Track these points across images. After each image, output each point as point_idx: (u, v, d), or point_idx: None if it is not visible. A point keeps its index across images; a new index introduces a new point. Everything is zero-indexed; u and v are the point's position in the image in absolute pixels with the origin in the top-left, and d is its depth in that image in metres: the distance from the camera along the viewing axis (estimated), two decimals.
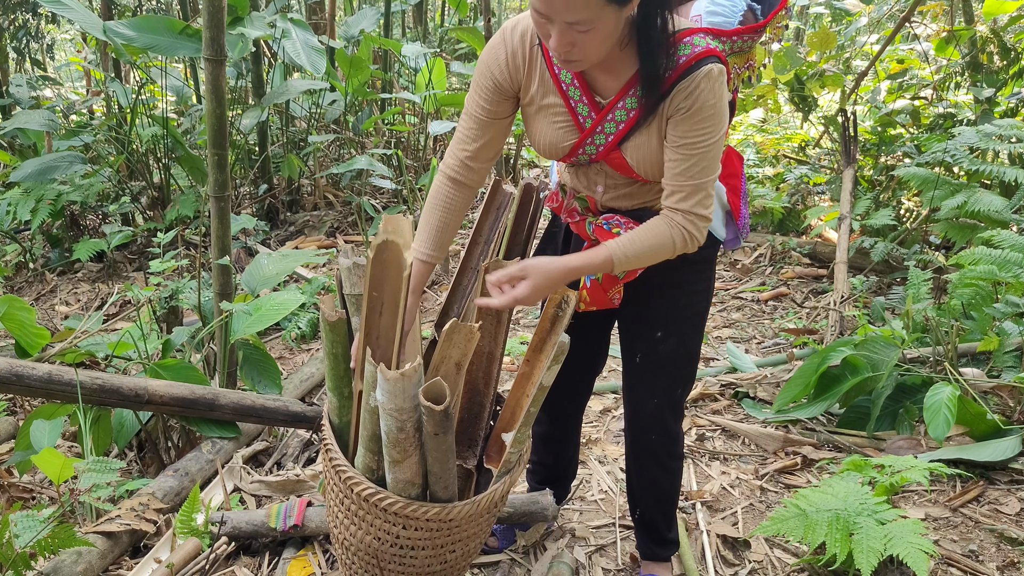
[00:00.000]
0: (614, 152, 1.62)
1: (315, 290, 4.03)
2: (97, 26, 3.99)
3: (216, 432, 2.62)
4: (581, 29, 1.39)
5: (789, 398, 2.95)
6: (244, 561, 2.17)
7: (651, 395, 1.88)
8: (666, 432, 1.93)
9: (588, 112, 1.60)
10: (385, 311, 1.72)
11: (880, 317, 3.57)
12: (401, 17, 8.46)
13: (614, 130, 1.59)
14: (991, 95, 4.41)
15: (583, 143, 1.63)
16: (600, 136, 1.61)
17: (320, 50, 4.52)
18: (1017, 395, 2.75)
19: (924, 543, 1.88)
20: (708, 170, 1.55)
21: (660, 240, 1.58)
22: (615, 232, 1.67)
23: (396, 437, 1.55)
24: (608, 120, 1.59)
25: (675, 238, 1.58)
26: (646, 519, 2.06)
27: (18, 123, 4.60)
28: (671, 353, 1.82)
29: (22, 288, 4.80)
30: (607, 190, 1.73)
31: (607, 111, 1.58)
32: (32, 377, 2.30)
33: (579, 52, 1.45)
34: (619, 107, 1.57)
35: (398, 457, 1.59)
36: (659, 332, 1.81)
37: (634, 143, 1.59)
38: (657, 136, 1.57)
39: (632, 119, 1.57)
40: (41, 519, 1.89)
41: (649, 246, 1.59)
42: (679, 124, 1.52)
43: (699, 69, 1.48)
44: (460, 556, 1.80)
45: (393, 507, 1.62)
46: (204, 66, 2.61)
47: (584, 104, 1.59)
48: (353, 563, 1.77)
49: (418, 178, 5.50)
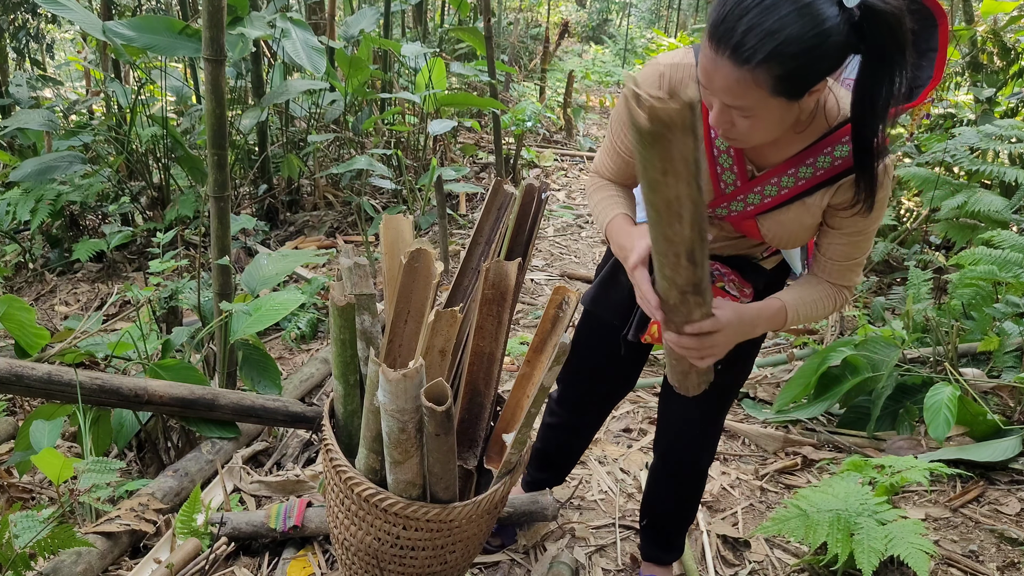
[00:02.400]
0: (748, 220, 1.52)
1: (315, 290, 4.02)
2: (96, 26, 3.99)
3: (216, 432, 2.62)
4: (742, 114, 1.27)
5: (789, 398, 2.95)
6: (244, 561, 2.17)
7: (691, 425, 1.85)
8: (699, 461, 1.92)
9: (734, 181, 1.48)
10: (411, 319, 1.73)
11: (880, 317, 3.57)
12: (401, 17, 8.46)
13: (757, 202, 1.47)
14: (991, 95, 4.41)
15: (719, 204, 1.51)
16: (738, 204, 1.49)
17: (320, 50, 4.51)
18: (1017, 395, 2.75)
19: (924, 543, 1.88)
20: (866, 249, 1.50)
21: (827, 308, 1.53)
22: (718, 286, 1.57)
23: (398, 438, 1.55)
24: (755, 191, 1.46)
25: (838, 307, 1.55)
26: (655, 528, 2.06)
27: (18, 123, 4.60)
28: (725, 385, 1.74)
29: (22, 288, 4.79)
30: (716, 240, 1.62)
31: (757, 183, 1.45)
32: (32, 377, 2.30)
33: (738, 132, 1.31)
34: (772, 182, 1.44)
35: (399, 458, 1.59)
36: (719, 364, 1.68)
37: (777, 218, 1.48)
38: (807, 219, 1.46)
39: (783, 196, 1.45)
40: (41, 519, 1.89)
41: (817, 312, 1.53)
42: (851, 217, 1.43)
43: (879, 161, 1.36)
44: (460, 557, 1.80)
45: (393, 508, 1.62)
46: (204, 66, 2.61)
47: (732, 173, 1.47)
48: (353, 563, 1.78)
49: (418, 178, 5.50)
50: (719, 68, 1.21)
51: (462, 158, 6.69)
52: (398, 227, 1.86)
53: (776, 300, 1.50)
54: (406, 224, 1.86)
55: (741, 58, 1.17)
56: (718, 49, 1.19)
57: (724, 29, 1.17)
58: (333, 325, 1.69)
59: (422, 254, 1.71)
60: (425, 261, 1.71)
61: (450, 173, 4.64)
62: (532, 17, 12.86)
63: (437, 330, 1.62)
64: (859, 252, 1.49)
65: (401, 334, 1.74)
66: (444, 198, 4.45)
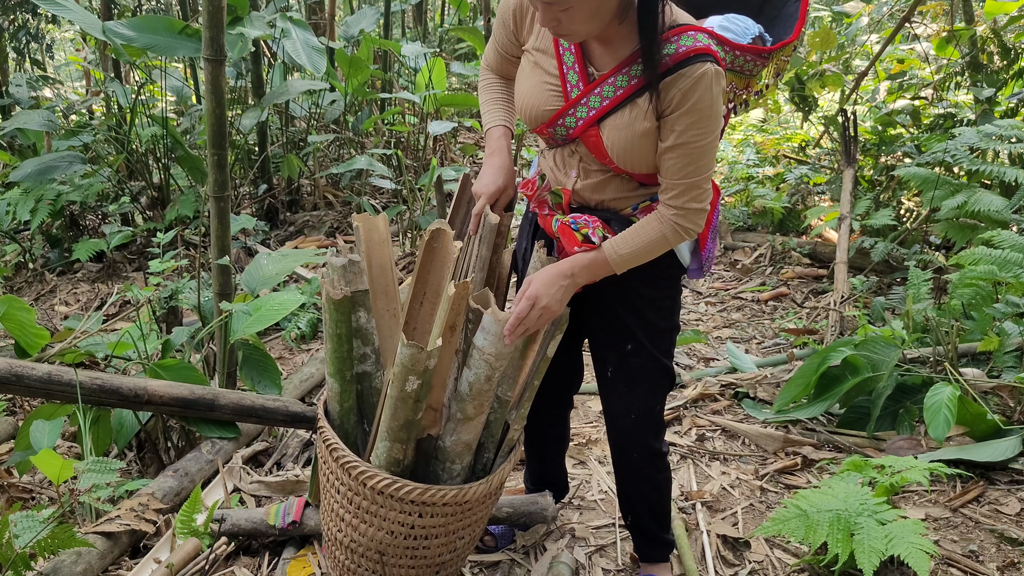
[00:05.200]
0: (592, 129, 1.61)
1: (315, 290, 4.02)
2: (96, 26, 3.99)
3: (216, 432, 2.62)
4: (560, 8, 1.42)
5: (789, 398, 2.95)
6: (244, 561, 2.17)
7: (628, 411, 1.87)
8: (648, 449, 1.92)
9: (577, 81, 1.60)
10: (426, 301, 1.74)
11: (880, 317, 3.57)
12: (401, 17, 8.46)
13: (598, 105, 1.58)
14: (991, 95, 4.41)
15: (565, 112, 1.62)
16: (583, 109, 1.60)
17: (320, 50, 4.52)
18: (1017, 395, 2.75)
19: (925, 543, 1.88)
20: (703, 168, 1.57)
21: (651, 236, 1.62)
22: (582, 233, 1.66)
23: (481, 388, 1.56)
24: (595, 93, 1.58)
25: (667, 233, 1.61)
26: (639, 525, 2.06)
27: (18, 123, 4.60)
28: (643, 366, 1.82)
29: (22, 288, 4.79)
30: (580, 176, 1.72)
31: (596, 84, 1.58)
32: (32, 377, 2.30)
33: (565, 28, 1.47)
34: (609, 82, 1.57)
35: (472, 412, 1.60)
36: (629, 345, 1.80)
37: (614, 123, 1.58)
38: (639, 123, 1.56)
39: (619, 97, 1.56)
40: (41, 519, 1.89)
41: (642, 242, 1.62)
42: (675, 123, 1.52)
43: (695, 65, 1.47)
44: (467, 543, 1.81)
45: (411, 495, 1.62)
46: (204, 66, 2.61)
47: (575, 72, 1.60)
48: (360, 565, 1.76)
49: (418, 178, 5.50)
50: None
51: (462, 158, 6.69)
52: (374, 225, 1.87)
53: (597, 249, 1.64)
54: (382, 221, 1.86)
55: None
56: None
57: None
58: (328, 320, 1.68)
59: (441, 234, 1.71)
60: (444, 241, 1.71)
61: (450, 173, 4.64)
62: None
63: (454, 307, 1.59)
64: (691, 168, 1.56)
65: (416, 316, 1.75)
66: (444, 198, 4.45)
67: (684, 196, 1.58)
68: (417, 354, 1.49)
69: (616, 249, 1.63)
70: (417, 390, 1.55)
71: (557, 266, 1.65)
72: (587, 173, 1.71)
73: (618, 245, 1.63)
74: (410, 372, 1.52)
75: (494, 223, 1.70)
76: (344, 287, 1.71)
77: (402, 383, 1.55)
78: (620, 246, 1.63)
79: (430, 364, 1.53)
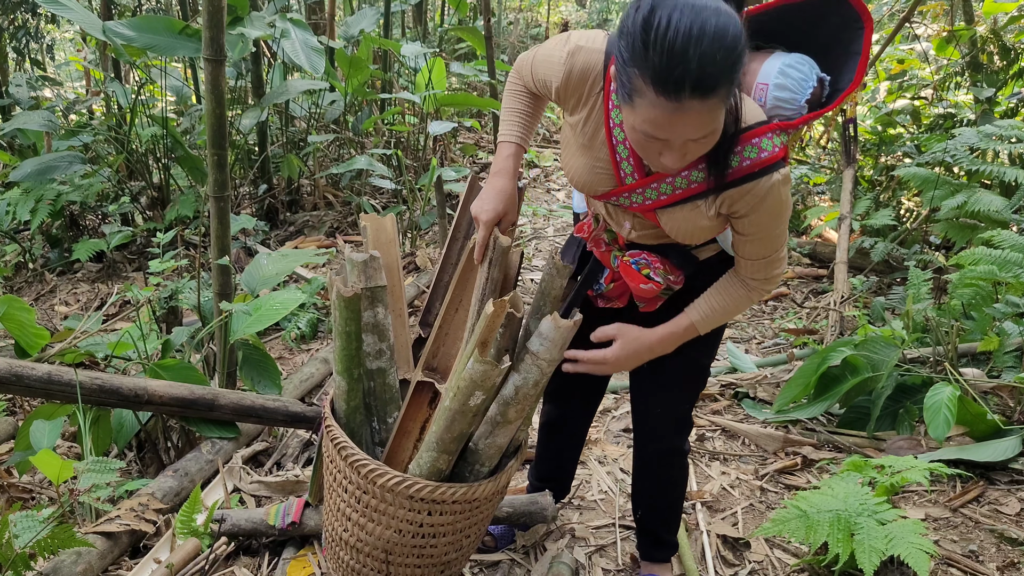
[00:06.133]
0: (650, 213, 1.59)
1: (315, 290, 4.02)
2: (96, 26, 3.99)
3: (216, 432, 2.62)
4: (704, 139, 1.32)
5: (789, 398, 2.95)
6: (244, 561, 2.17)
7: (657, 405, 1.88)
8: (670, 445, 1.92)
9: (632, 172, 1.54)
10: (461, 308, 1.74)
11: (880, 317, 3.57)
12: (401, 17, 8.45)
13: (655, 197, 1.54)
14: (991, 95, 4.41)
15: (619, 194, 1.58)
16: (638, 196, 1.55)
17: (320, 50, 4.51)
18: (1017, 395, 2.75)
19: (925, 543, 1.88)
20: (779, 245, 1.57)
21: (739, 304, 1.63)
22: (644, 273, 1.65)
23: (527, 392, 1.57)
24: (651, 187, 1.53)
25: (752, 298, 1.63)
26: (647, 522, 2.06)
27: (18, 123, 4.60)
28: (680, 365, 1.79)
29: (22, 288, 4.79)
30: (634, 229, 1.69)
31: (653, 180, 1.52)
32: (32, 377, 2.30)
33: (690, 158, 1.36)
34: (667, 181, 1.51)
35: (514, 416, 1.62)
36: None
37: (672, 214, 1.55)
38: (701, 219, 1.53)
39: (677, 196, 1.52)
40: (41, 519, 1.89)
41: (729, 311, 1.64)
42: (745, 224, 1.51)
43: (763, 179, 1.43)
44: (472, 541, 1.82)
45: (421, 492, 1.62)
46: (204, 66, 2.61)
47: (630, 164, 1.54)
48: (364, 565, 1.76)
49: (418, 178, 5.50)
50: (686, 112, 1.25)
51: (462, 158, 6.69)
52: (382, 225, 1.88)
53: (685, 318, 1.65)
54: (388, 221, 1.87)
55: (708, 89, 1.22)
56: (678, 96, 1.22)
57: (676, 76, 1.20)
58: (338, 318, 1.67)
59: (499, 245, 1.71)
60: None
61: (450, 173, 4.64)
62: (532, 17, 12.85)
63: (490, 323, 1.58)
64: (769, 250, 1.55)
65: (451, 321, 1.77)
66: (444, 198, 4.45)
67: (765, 271, 1.59)
68: (490, 371, 1.48)
69: (706, 321, 1.64)
70: (479, 404, 1.56)
71: (647, 338, 1.65)
72: (642, 227, 1.68)
73: (706, 316, 1.64)
74: (478, 387, 1.52)
75: (505, 246, 1.70)
76: (364, 283, 1.71)
77: (466, 397, 1.54)
78: (709, 317, 1.64)
79: (498, 380, 1.54)
